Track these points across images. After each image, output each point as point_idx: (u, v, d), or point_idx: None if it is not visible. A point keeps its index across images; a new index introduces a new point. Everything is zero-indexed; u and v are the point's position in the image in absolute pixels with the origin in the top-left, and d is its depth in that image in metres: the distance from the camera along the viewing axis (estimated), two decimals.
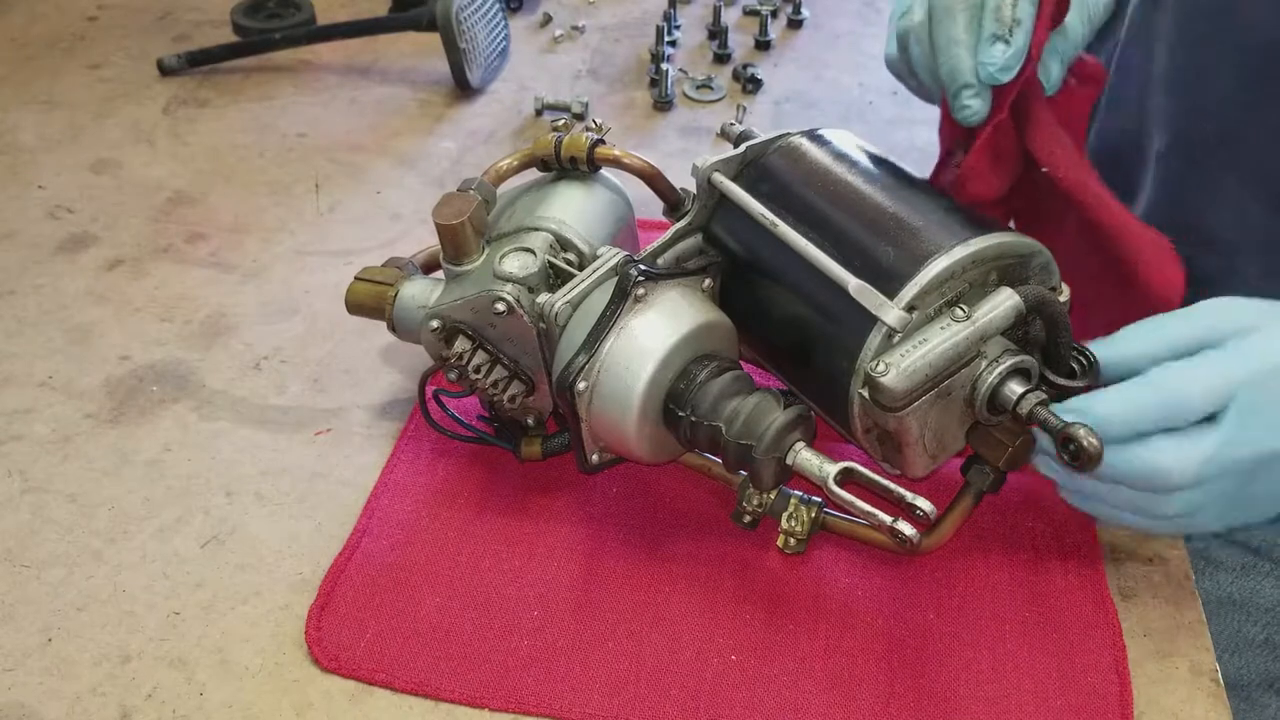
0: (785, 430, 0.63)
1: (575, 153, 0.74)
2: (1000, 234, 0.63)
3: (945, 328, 0.61)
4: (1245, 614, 0.86)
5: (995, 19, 0.64)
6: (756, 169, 0.71)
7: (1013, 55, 0.64)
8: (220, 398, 0.80)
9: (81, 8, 1.27)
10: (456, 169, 1.03)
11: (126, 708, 0.62)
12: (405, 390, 0.81)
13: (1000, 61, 0.64)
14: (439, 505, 0.72)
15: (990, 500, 0.69)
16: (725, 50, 1.19)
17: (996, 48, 0.64)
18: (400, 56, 1.19)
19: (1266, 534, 0.86)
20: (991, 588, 0.67)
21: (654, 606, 0.66)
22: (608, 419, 0.65)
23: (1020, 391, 0.62)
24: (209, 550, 0.70)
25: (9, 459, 0.76)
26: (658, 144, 1.07)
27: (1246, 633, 0.86)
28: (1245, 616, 0.86)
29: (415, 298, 0.72)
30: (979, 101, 0.66)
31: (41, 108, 1.11)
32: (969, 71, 0.65)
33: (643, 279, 0.65)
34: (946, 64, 0.66)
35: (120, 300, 0.89)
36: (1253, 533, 0.86)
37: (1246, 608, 0.86)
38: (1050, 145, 0.66)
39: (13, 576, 0.69)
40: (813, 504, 0.68)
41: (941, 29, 0.67)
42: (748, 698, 0.62)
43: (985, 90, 0.66)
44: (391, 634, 0.65)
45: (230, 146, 1.06)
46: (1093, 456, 0.59)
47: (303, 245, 0.94)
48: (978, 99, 0.66)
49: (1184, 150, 0.81)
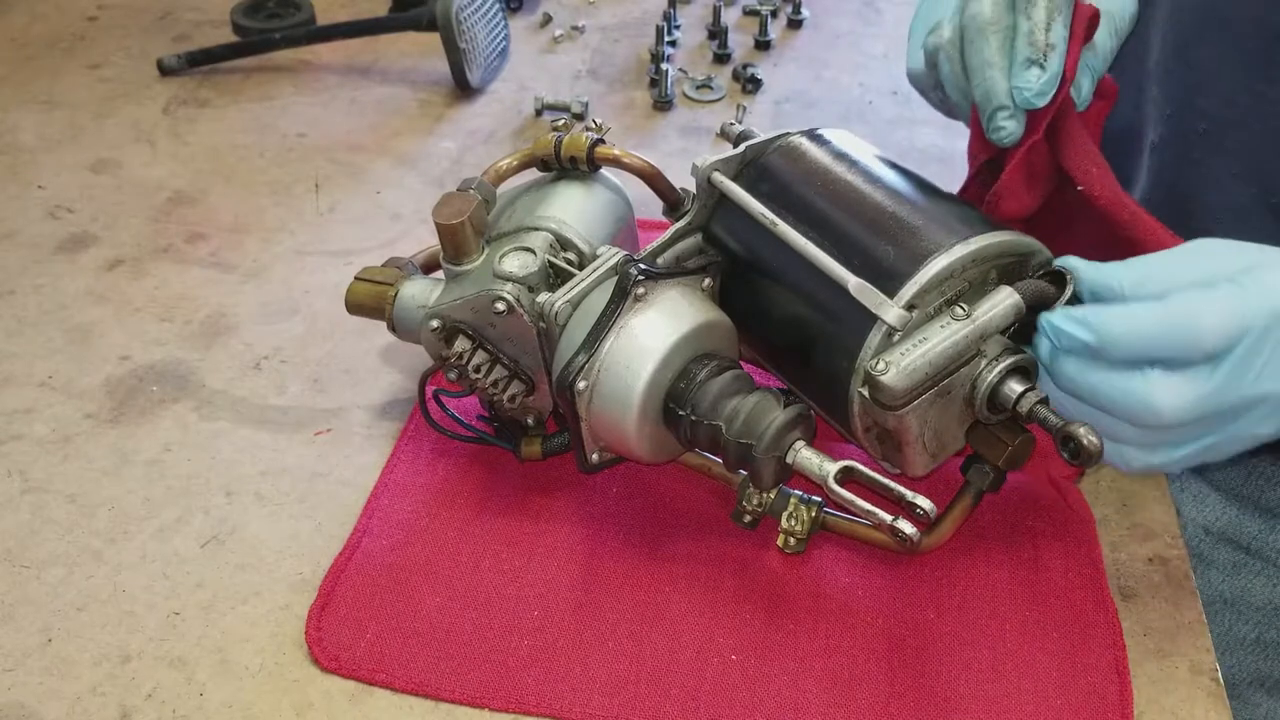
0: (785, 429, 0.63)
1: (575, 152, 0.74)
2: (1000, 233, 0.63)
3: (945, 326, 0.61)
4: (1236, 613, 0.86)
5: (1029, 43, 0.64)
6: (756, 169, 0.71)
7: (1048, 80, 0.64)
8: (220, 398, 0.80)
9: (81, 8, 1.27)
10: (456, 169, 1.03)
11: (126, 708, 0.62)
12: (405, 390, 0.81)
13: (1036, 87, 0.64)
14: (439, 505, 0.72)
15: (990, 500, 0.69)
16: (725, 50, 1.19)
17: (1032, 72, 0.64)
18: (400, 56, 1.19)
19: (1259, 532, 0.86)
20: (991, 587, 0.67)
21: (654, 606, 0.66)
22: (608, 418, 0.65)
23: (1020, 390, 0.62)
24: (209, 550, 0.70)
25: (9, 459, 0.76)
26: (658, 144, 1.07)
27: (1238, 631, 0.86)
28: (1236, 615, 0.86)
29: (415, 298, 0.72)
30: (1014, 124, 0.66)
31: (41, 108, 1.11)
32: (1004, 94, 0.65)
33: (642, 278, 0.65)
34: (980, 86, 0.66)
35: (120, 300, 0.89)
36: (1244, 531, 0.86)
37: (1238, 606, 0.86)
38: (1085, 164, 0.66)
39: (13, 576, 0.69)
40: (813, 503, 0.68)
41: (974, 50, 0.67)
42: (748, 698, 0.62)
43: (1020, 113, 0.66)
44: (391, 634, 0.65)
45: (230, 146, 1.06)
46: (1092, 455, 0.59)
47: (303, 245, 0.94)
48: (1012, 120, 0.66)
49: (1177, 142, 0.81)
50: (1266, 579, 0.85)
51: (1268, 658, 0.85)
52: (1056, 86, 0.65)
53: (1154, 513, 0.72)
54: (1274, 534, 0.85)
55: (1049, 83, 0.64)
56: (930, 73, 0.73)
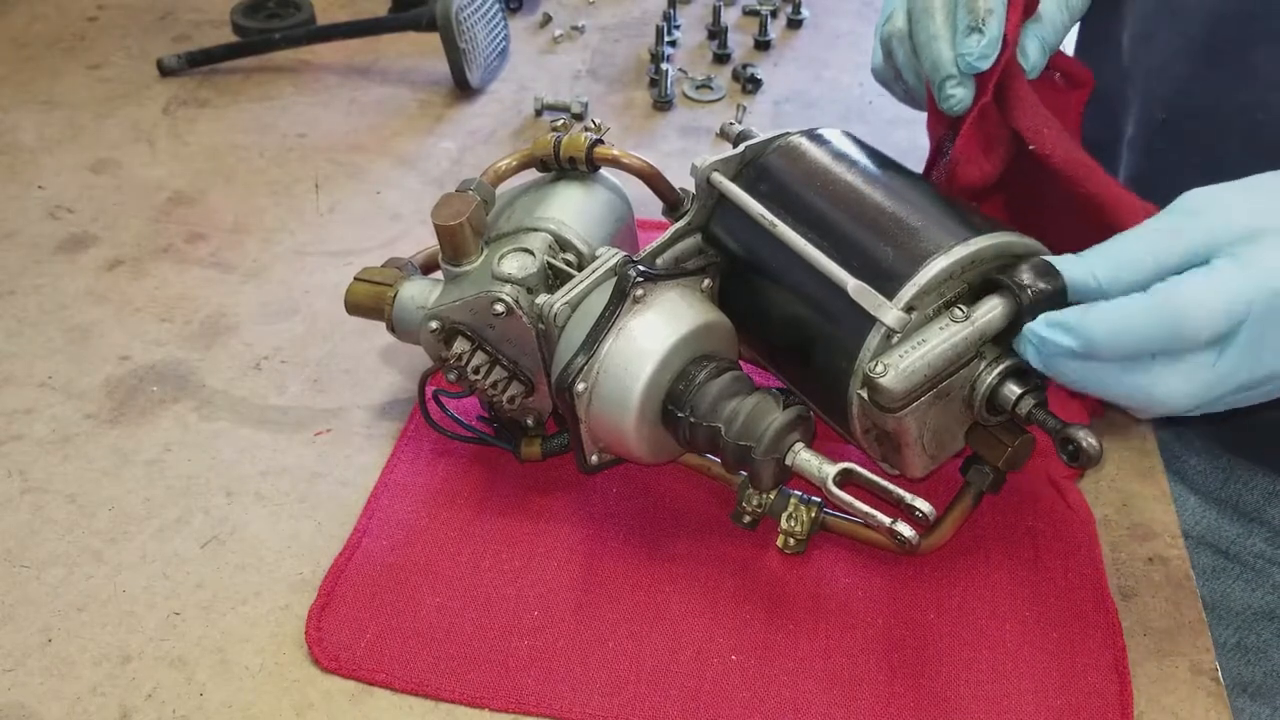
0: (784, 430, 0.63)
1: (574, 153, 0.74)
2: (1000, 234, 0.63)
3: (944, 328, 0.61)
4: (1216, 617, 0.86)
5: (968, 11, 0.66)
6: (756, 169, 0.71)
7: (988, 43, 0.66)
8: (220, 398, 0.80)
9: (81, 8, 1.27)
10: (456, 169, 1.03)
11: (126, 708, 0.62)
12: (405, 390, 0.81)
13: (977, 50, 0.66)
14: (439, 505, 0.72)
15: (990, 500, 0.69)
16: (725, 50, 1.19)
17: (972, 38, 0.66)
18: (400, 56, 1.19)
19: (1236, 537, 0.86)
20: (991, 588, 0.67)
21: (654, 606, 0.67)
22: (607, 420, 0.65)
23: (1019, 392, 0.62)
24: (209, 550, 0.70)
25: (9, 459, 0.76)
26: (657, 144, 1.07)
27: (1218, 636, 0.85)
28: (1216, 620, 0.86)
29: (414, 298, 0.72)
30: (962, 90, 0.67)
31: (41, 108, 1.11)
32: (950, 63, 0.67)
33: (642, 279, 0.65)
34: (928, 59, 0.68)
35: (120, 300, 0.89)
36: (1222, 535, 0.86)
37: (1218, 611, 0.86)
38: (1036, 124, 0.67)
39: (13, 576, 0.69)
40: (812, 504, 0.68)
41: (921, 28, 0.69)
42: (748, 698, 0.62)
43: (968, 79, 0.67)
44: (391, 634, 0.65)
45: (230, 146, 1.06)
46: (1092, 457, 0.59)
47: (303, 245, 0.94)
48: (961, 88, 0.67)
49: (1143, 135, 0.82)
50: (1245, 583, 0.85)
51: (1249, 662, 0.85)
52: (998, 49, 0.66)
53: (1154, 513, 0.72)
54: (1252, 537, 0.85)
55: (989, 45, 0.66)
56: (889, 63, 0.75)
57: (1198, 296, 0.55)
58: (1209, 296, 0.55)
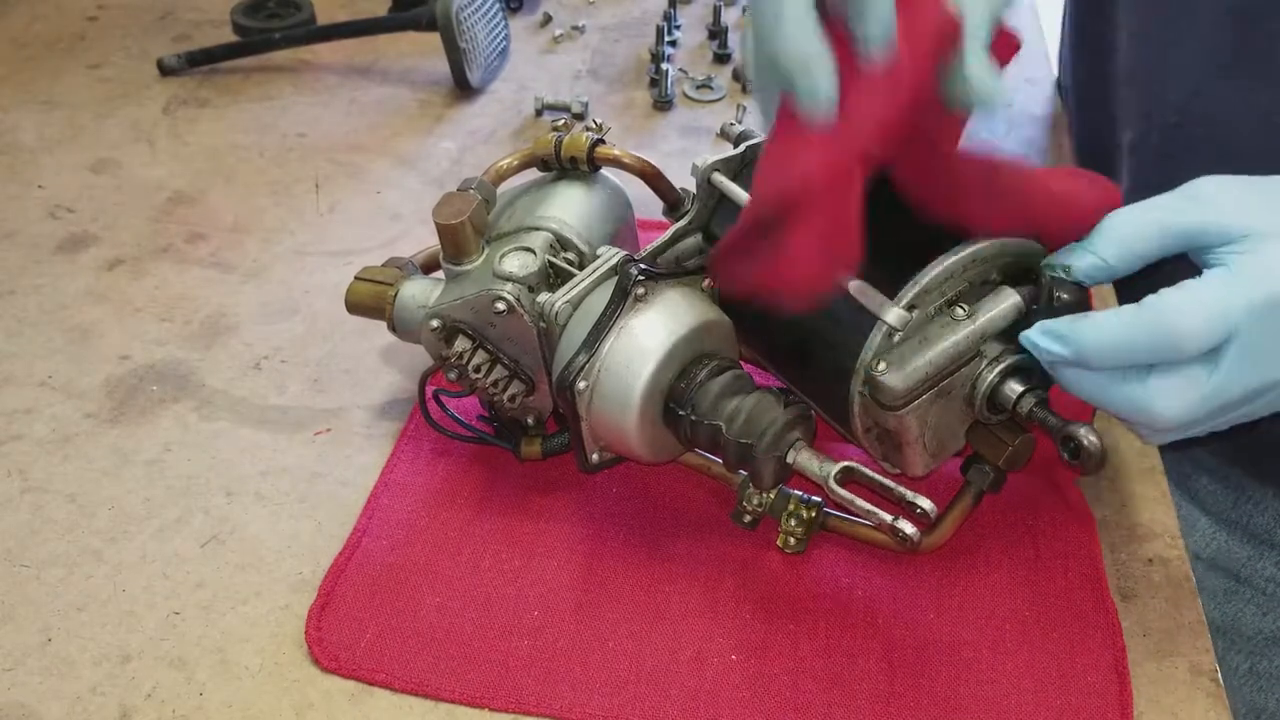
0: (785, 429, 0.63)
1: (575, 152, 0.74)
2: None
3: (946, 326, 0.61)
4: (1229, 641, 0.84)
5: None
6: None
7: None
8: (220, 398, 0.80)
9: (81, 8, 1.26)
10: (456, 169, 1.03)
11: (126, 708, 0.62)
12: (405, 390, 0.81)
13: None
14: (439, 505, 0.72)
15: (990, 500, 0.69)
16: (725, 50, 1.19)
17: None
18: (400, 56, 1.18)
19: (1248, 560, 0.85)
20: (991, 588, 0.67)
21: (654, 606, 0.66)
22: (608, 418, 0.65)
23: (1020, 390, 0.62)
24: (209, 550, 0.70)
25: (9, 459, 0.76)
26: (658, 144, 1.07)
27: (1230, 662, 0.84)
28: (1228, 644, 0.84)
29: (415, 297, 0.72)
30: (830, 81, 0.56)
31: (41, 108, 1.11)
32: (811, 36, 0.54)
33: (642, 278, 0.65)
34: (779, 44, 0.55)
35: (120, 300, 0.89)
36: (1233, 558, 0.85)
37: (1229, 636, 0.84)
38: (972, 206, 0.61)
39: (13, 576, 0.69)
40: (813, 504, 0.68)
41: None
42: (748, 698, 0.62)
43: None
44: (391, 634, 0.65)
45: (230, 146, 1.06)
46: (1093, 456, 0.59)
47: (303, 245, 0.94)
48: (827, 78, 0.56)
49: (1151, 139, 0.81)
50: (1257, 607, 0.84)
51: (1261, 689, 0.84)
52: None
53: (1154, 513, 0.72)
54: (1262, 560, 0.83)
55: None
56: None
57: (1184, 308, 0.54)
58: (1195, 308, 0.54)
